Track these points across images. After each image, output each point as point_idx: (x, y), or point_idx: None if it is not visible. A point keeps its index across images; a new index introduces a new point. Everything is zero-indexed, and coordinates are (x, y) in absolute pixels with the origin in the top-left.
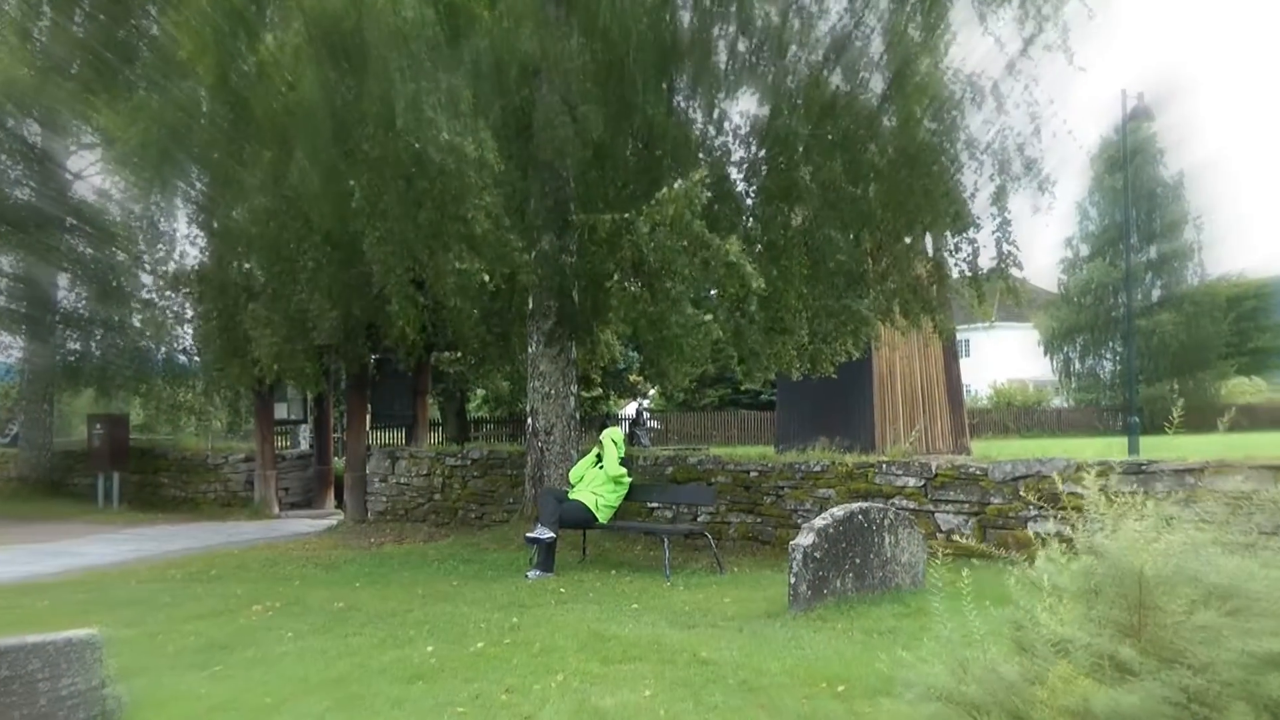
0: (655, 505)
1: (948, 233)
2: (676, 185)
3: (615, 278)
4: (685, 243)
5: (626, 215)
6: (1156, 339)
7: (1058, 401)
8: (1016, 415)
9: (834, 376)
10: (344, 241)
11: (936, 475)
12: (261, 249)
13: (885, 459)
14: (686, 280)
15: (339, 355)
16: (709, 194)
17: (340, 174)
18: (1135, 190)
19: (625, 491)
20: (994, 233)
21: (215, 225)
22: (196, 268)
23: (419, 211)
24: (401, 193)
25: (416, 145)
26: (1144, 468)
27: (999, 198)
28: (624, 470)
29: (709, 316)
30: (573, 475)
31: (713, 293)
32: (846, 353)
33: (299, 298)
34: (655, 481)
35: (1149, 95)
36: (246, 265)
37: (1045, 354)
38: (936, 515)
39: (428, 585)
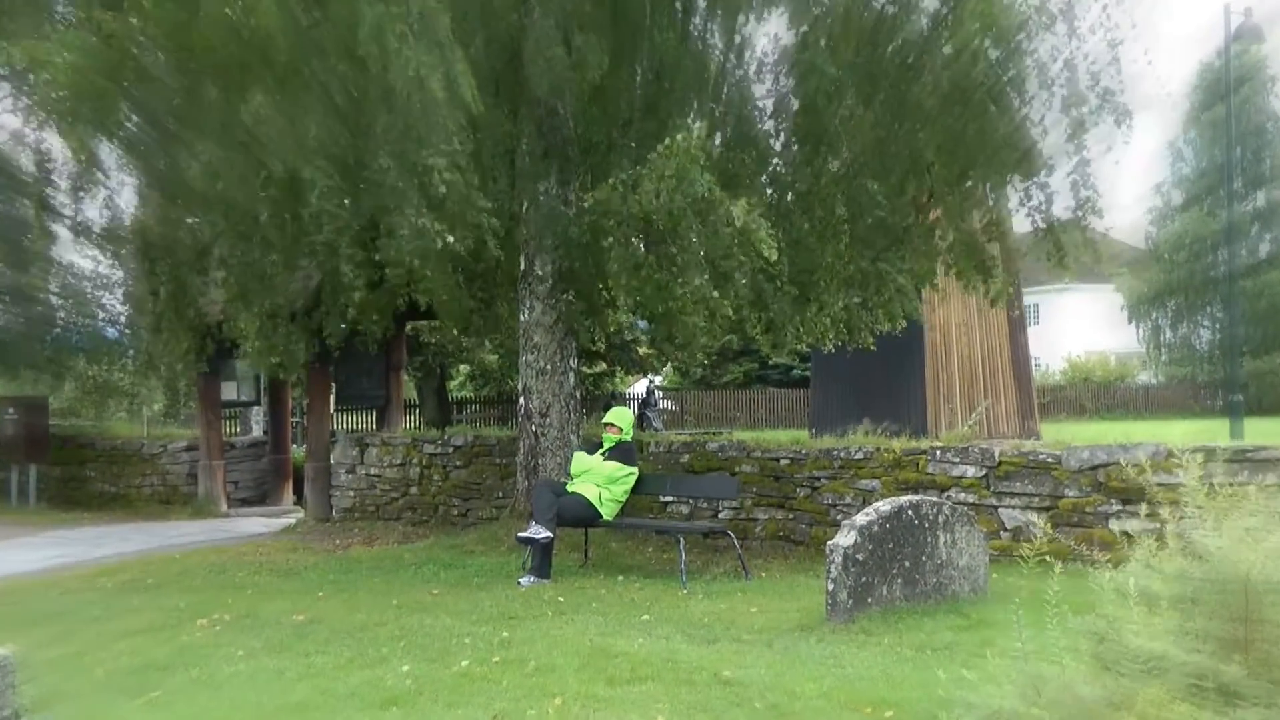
0: (669, 499)
1: (1011, 180)
2: (678, 138)
3: (610, 240)
4: (691, 201)
5: (630, 172)
6: (1264, 303)
7: (1144, 377)
8: (1095, 393)
9: (885, 344)
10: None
11: (1000, 464)
12: (216, 206)
13: (939, 444)
14: (693, 246)
15: (299, 326)
16: (726, 133)
17: (300, 114)
18: (1240, 125)
19: (633, 484)
20: (1069, 175)
21: (159, 177)
22: (114, 220)
23: (375, 157)
24: (359, 132)
25: (376, 73)
26: (1250, 454)
27: (1075, 134)
28: (625, 464)
29: (716, 293)
30: (574, 465)
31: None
32: (889, 321)
33: (266, 260)
34: (669, 471)
35: (1258, 10)
36: (194, 220)
37: (1130, 321)
38: (1000, 511)
39: (403, 594)
